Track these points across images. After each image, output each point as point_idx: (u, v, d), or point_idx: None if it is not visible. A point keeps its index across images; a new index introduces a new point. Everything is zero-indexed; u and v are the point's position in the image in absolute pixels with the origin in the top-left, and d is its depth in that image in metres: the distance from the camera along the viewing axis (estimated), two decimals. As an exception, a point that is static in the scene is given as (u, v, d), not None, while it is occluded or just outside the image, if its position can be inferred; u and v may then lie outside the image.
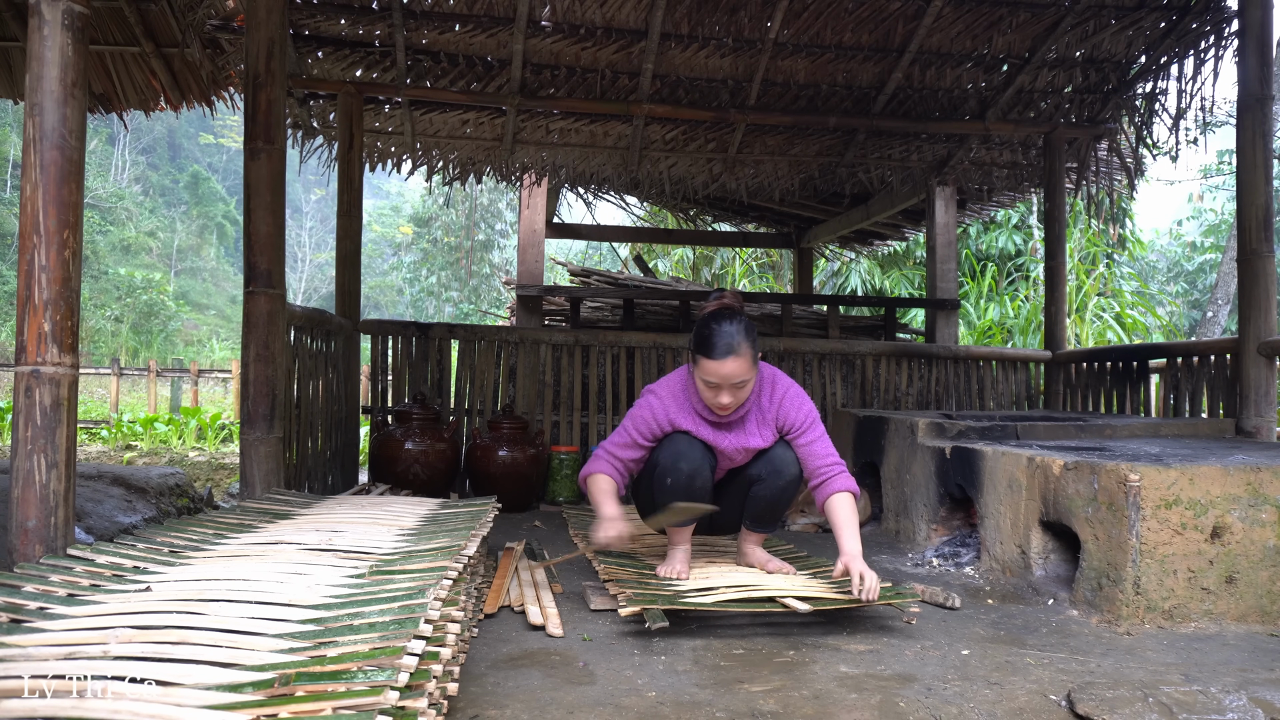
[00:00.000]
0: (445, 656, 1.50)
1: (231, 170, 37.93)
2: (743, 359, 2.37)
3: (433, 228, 25.63)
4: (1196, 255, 20.33)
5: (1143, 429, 3.52)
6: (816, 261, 9.55)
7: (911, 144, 5.69)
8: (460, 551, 2.01)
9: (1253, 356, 3.77)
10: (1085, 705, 1.65)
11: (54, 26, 1.96)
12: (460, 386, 4.84)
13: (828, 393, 5.19)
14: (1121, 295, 10.77)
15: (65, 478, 1.97)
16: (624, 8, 4.60)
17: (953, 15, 4.75)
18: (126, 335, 22.11)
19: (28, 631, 1.45)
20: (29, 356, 1.93)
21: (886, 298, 8.65)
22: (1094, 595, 2.38)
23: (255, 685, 1.26)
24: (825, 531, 3.74)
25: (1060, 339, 5.25)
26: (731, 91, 5.12)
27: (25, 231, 1.94)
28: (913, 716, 1.64)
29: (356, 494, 3.28)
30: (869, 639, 2.15)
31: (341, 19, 4.53)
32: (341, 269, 4.55)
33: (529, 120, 5.30)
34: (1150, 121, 5.21)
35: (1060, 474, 2.55)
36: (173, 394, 12.67)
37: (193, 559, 1.92)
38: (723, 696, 1.72)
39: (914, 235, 7.90)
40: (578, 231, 7.94)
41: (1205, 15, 4.64)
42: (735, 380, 2.39)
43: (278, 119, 3.00)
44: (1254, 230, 3.76)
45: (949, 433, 3.42)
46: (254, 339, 2.99)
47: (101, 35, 4.67)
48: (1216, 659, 2.03)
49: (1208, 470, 2.34)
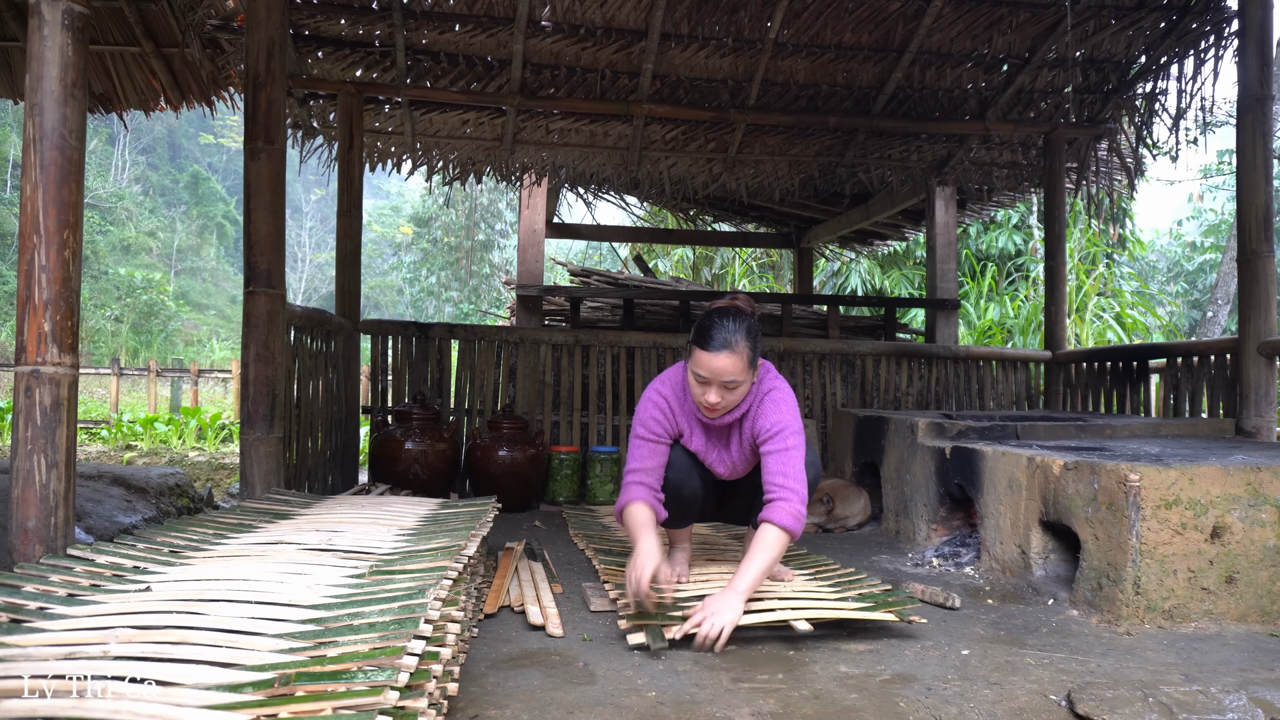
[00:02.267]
0: (445, 656, 1.50)
1: (231, 170, 37.92)
2: (736, 357, 2.27)
3: (433, 228, 25.63)
4: (1196, 255, 20.33)
5: (1143, 429, 3.52)
6: (816, 261, 9.55)
7: (911, 144, 5.69)
8: (460, 551, 2.01)
9: (1253, 356, 3.77)
10: (1085, 705, 1.65)
11: (54, 26, 1.96)
12: (460, 386, 4.84)
13: (828, 393, 5.19)
14: (1121, 295, 10.77)
15: (65, 478, 1.97)
16: (624, 8, 4.60)
17: (953, 15, 4.75)
18: (126, 335, 22.11)
19: (28, 631, 1.45)
20: (29, 356, 1.93)
21: (886, 298, 8.65)
22: (1094, 595, 2.38)
23: (255, 685, 1.26)
24: (825, 531, 3.74)
25: (1060, 339, 5.25)
26: (731, 91, 5.12)
27: (25, 231, 1.94)
28: (913, 716, 1.64)
29: (356, 494, 3.28)
30: (869, 639, 2.15)
31: (341, 19, 4.53)
32: (341, 269, 4.55)
33: (529, 120, 5.30)
34: (1150, 121, 5.21)
35: (1060, 474, 2.55)
36: (173, 394, 12.67)
37: (193, 559, 1.92)
38: (723, 696, 1.72)
39: (914, 235, 7.90)
40: (578, 231, 7.94)
41: (1205, 15, 4.64)
42: (725, 378, 2.29)
43: (278, 119, 3.00)
44: (1254, 230, 3.76)
45: (949, 433, 3.42)
46: (254, 339, 2.99)
47: (101, 35, 4.67)
48: (1216, 659, 2.03)
49: (1208, 470, 2.34)
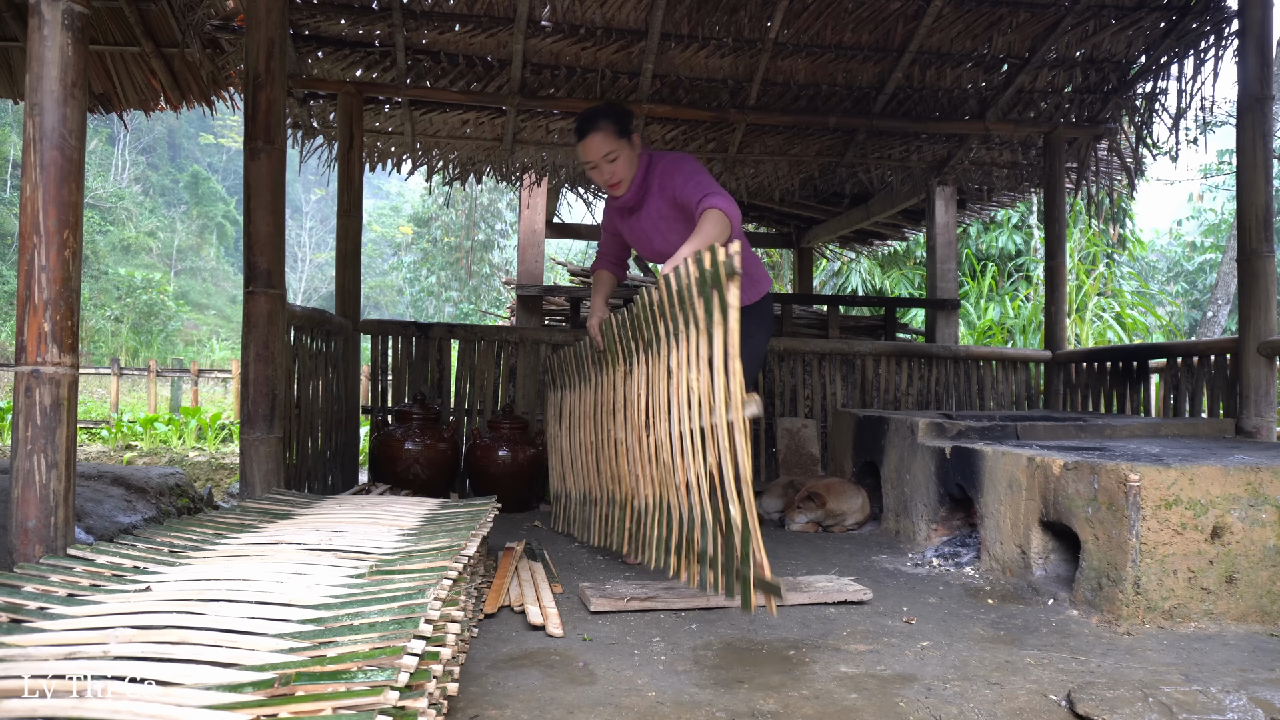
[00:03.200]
0: (445, 656, 1.50)
1: (231, 170, 37.93)
2: (601, 133, 2.72)
3: (433, 228, 25.64)
4: (1196, 255, 20.33)
5: (1143, 429, 3.52)
6: (816, 261, 9.55)
7: (911, 144, 5.69)
8: (460, 551, 2.01)
9: (1253, 356, 3.77)
10: (1085, 705, 1.65)
11: (54, 26, 1.96)
12: (460, 386, 4.84)
13: (827, 393, 5.19)
14: (1121, 295, 10.77)
15: (65, 478, 1.97)
16: (624, 8, 4.60)
17: (953, 15, 4.75)
18: (126, 335, 22.11)
19: (28, 631, 1.45)
20: (29, 356, 1.93)
21: (886, 298, 8.65)
22: (1094, 595, 2.38)
23: (255, 685, 1.26)
24: (825, 530, 3.74)
25: (1060, 339, 5.25)
26: (731, 91, 5.12)
27: (25, 231, 1.94)
28: (913, 716, 1.64)
29: (356, 494, 3.28)
30: (869, 639, 2.15)
31: (341, 19, 4.53)
32: (341, 269, 4.55)
33: (529, 120, 5.30)
34: (1150, 121, 5.21)
35: (1060, 474, 2.55)
36: (173, 394, 12.68)
37: (193, 559, 1.92)
38: (723, 696, 1.72)
39: (914, 235, 7.90)
40: (578, 231, 7.94)
41: (1205, 15, 4.64)
42: (601, 153, 2.73)
43: (278, 119, 3.00)
44: (1254, 230, 3.76)
45: (949, 433, 3.42)
46: (254, 339, 2.99)
47: (101, 35, 4.67)
48: (1216, 659, 2.03)
49: (1208, 470, 2.34)
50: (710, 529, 2.04)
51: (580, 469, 3.33)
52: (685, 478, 2.18)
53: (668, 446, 2.28)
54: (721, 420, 1.93)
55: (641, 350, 2.53)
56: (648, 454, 2.47)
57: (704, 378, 2.03)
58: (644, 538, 2.57)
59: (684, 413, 2.16)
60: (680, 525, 2.26)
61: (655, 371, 2.39)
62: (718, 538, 2.00)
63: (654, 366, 2.41)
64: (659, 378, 2.36)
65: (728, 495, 1.90)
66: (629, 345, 2.64)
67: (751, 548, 1.79)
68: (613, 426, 2.84)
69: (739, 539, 1.87)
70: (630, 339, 2.61)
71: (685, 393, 2.15)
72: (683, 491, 2.22)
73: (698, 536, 2.13)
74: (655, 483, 2.45)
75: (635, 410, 2.55)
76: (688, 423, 2.13)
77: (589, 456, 3.17)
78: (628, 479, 2.69)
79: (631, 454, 2.62)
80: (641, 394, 2.51)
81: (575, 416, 3.39)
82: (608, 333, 2.84)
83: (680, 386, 2.18)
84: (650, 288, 2.35)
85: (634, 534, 2.68)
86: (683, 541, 2.24)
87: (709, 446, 2.01)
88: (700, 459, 2.07)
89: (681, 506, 2.24)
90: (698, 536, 2.13)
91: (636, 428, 2.54)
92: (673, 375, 2.23)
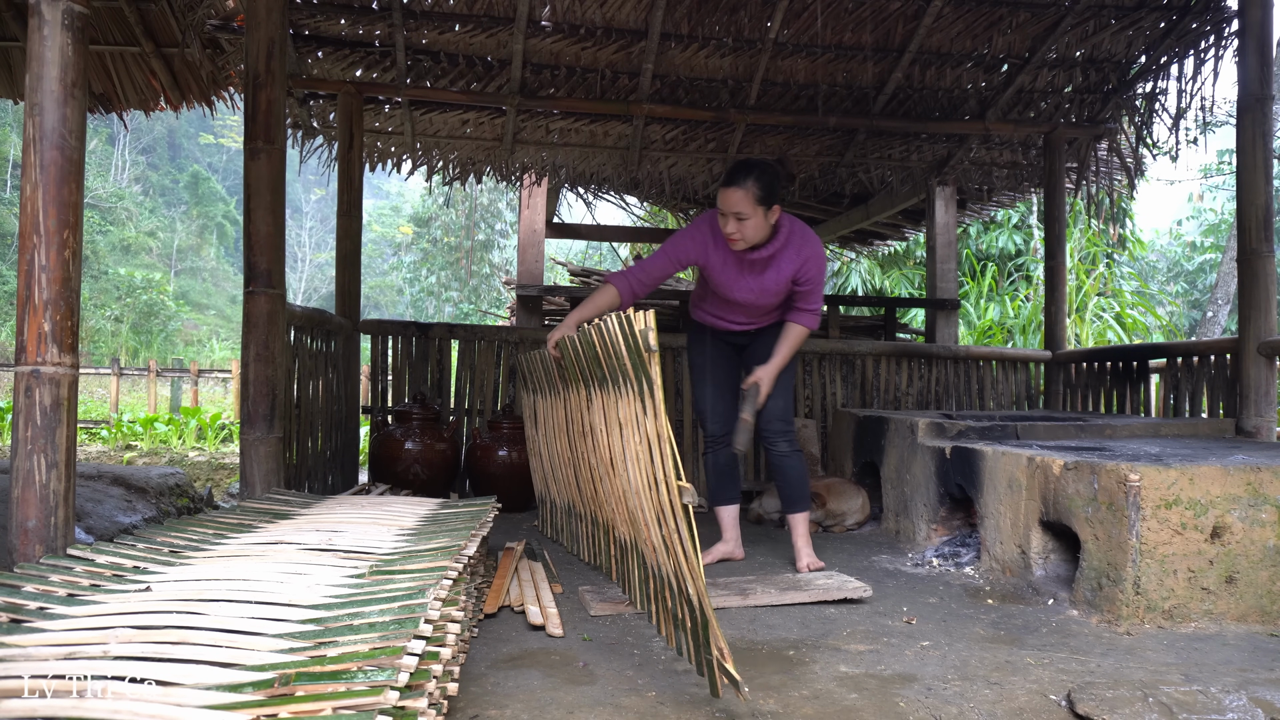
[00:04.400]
0: (445, 656, 1.50)
1: (231, 170, 37.92)
2: (743, 193, 2.67)
3: (433, 228, 25.63)
4: (1196, 255, 20.33)
5: (1143, 429, 3.52)
6: (816, 261, 9.53)
7: (911, 144, 5.69)
8: (460, 551, 2.01)
9: (1253, 356, 3.77)
10: (1085, 705, 1.65)
11: (54, 26, 1.96)
12: (460, 386, 4.84)
13: (828, 393, 5.19)
14: (1121, 295, 10.77)
15: (65, 478, 1.97)
16: (624, 8, 4.60)
17: (953, 15, 4.75)
18: (126, 335, 22.11)
19: (28, 631, 1.45)
20: (29, 356, 1.93)
21: (886, 298, 8.65)
22: (1094, 595, 2.38)
23: (255, 685, 1.26)
24: (825, 530, 3.74)
25: (1060, 339, 5.25)
26: (731, 91, 5.12)
27: (25, 231, 1.94)
28: (913, 716, 1.64)
29: (356, 494, 3.28)
30: (869, 639, 2.15)
31: (341, 19, 4.53)
32: (341, 269, 4.55)
33: (529, 120, 5.30)
34: (1150, 121, 5.21)
35: (1060, 474, 2.55)
36: (173, 394, 12.68)
37: (193, 559, 1.92)
38: (723, 696, 1.72)
39: (914, 235, 7.90)
40: (578, 231, 7.94)
41: (1205, 15, 4.64)
42: (733, 210, 2.69)
43: (278, 119, 3.00)
44: (1254, 230, 3.76)
45: (949, 433, 3.42)
46: (254, 339, 2.99)
47: (101, 35, 4.67)
48: (1216, 659, 2.03)
49: (1208, 470, 2.34)
50: (678, 597, 1.85)
51: (560, 480, 3.16)
52: (649, 537, 1.98)
53: (632, 496, 2.07)
54: (665, 501, 1.76)
55: (597, 385, 2.30)
56: (618, 492, 2.26)
57: (644, 451, 1.85)
58: (627, 574, 2.43)
59: (637, 471, 1.97)
60: (654, 578, 2.08)
61: (611, 416, 2.18)
62: (686, 606, 1.80)
63: (609, 409, 2.20)
64: (614, 424, 2.15)
65: (682, 573, 1.74)
66: (587, 374, 2.40)
67: (711, 634, 1.65)
68: (584, 449, 2.62)
69: (700, 622, 1.70)
70: (588, 368, 2.37)
71: (635, 454, 1.96)
72: (649, 548, 2.05)
73: (668, 597, 1.95)
74: (629, 523, 2.26)
75: (601, 444, 2.33)
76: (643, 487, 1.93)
77: (568, 470, 2.99)
78: (606, 506, 2.52)
79: (606, 484, 2.41)
80: (603, 430, 2.29)
81: (550, 425, 3.17)
82: (566, 354, 2.56)
83: (630, 445, 1.99)
84: (595, 328, 2.10)
85: (619, 564, 2.52)
86: (660, 594, 2.06)
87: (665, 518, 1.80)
88: (657, 528, 1.88)
89: (651, 562, 2.07)
90: (668, 597, 1.95)
91: (605, 461, 2.33)
92: (624, 428, 2.05)
